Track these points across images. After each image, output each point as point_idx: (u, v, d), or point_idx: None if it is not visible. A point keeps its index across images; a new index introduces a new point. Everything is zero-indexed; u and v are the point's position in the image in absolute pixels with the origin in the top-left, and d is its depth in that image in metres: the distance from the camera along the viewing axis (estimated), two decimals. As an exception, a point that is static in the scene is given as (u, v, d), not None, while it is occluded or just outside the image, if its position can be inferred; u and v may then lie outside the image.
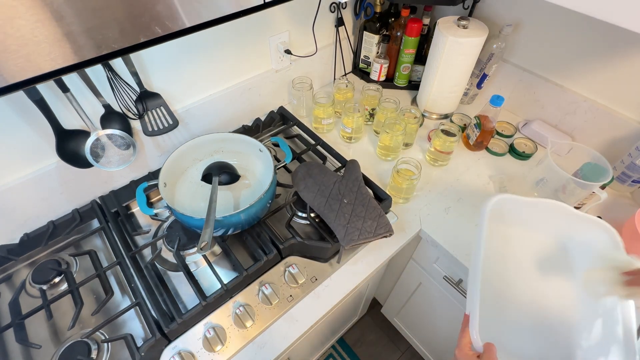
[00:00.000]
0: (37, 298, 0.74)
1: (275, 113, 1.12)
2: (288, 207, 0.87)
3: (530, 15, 0.97)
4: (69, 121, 0.75)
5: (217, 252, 0.82)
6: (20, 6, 0.37)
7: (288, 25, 1.00)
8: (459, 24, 0.94)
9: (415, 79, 1.22)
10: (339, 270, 0.79)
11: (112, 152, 0.80)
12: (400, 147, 1.00)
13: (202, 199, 0.84)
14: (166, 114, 0.86)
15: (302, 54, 1.07)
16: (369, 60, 1.21)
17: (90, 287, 0.76)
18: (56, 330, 0.71)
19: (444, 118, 1.14)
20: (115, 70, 0.74)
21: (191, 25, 0.51)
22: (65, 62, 0.43)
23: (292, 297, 0.74)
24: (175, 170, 0.82)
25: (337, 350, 1.49)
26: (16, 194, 0.76)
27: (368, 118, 1.10)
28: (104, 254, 0.83)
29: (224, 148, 0.89)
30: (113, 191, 0.89)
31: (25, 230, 0.80)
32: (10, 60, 0.39)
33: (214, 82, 0.95)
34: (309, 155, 1.02)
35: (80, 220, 0.84)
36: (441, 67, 0.99)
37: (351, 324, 1.46)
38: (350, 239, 0.75)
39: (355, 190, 0.83)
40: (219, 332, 0.68)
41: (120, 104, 0.78)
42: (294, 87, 1.08)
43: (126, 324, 0.72)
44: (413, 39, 1.08)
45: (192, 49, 0.85)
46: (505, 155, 1.03)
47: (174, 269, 0.79)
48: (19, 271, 0.79)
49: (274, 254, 0.76)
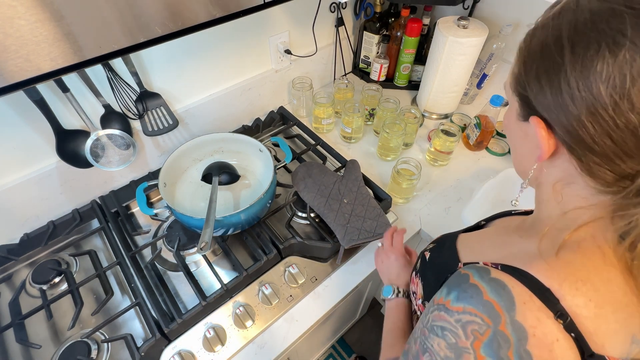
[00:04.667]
0: (37, 298, 0.74)
1: (275, 113, 1.12)
2: (288, 207, 0.87)
3: (530, 15, 0.97)
4: (69, 121, 0.75)
5: (217, 252, 0.82)
6: (20, 6, 0.37)
7: (288, 25, 1.00)
8: (459, 24, 0.94)
9: (415, 79, 1.22)
10: (339, 270, 0.79)
11: (112, 152, 0.80)
12: (400, 147, 1.00)
13: (202, 199, 0.84)
14: (166, 114, 0.86)
15: (302, 54, 1.07)
16: (369, 60, 1.21)
17: (90, 287, 0.76)
18: (56, 330, 0.70)
19: (444, 118, 1.14)
20: (115, 70, 0.74)
21: (191, 25, 0.51)
22: (65, 62, 0.43)
23: (292, 297, 0.74)
24: (175, 170, 0.82)
25: (337, 350, 1.49)
26: (16, 194, 0.76)
27: (368, 118, 1.10)
28: (104, 254, 0.83)
29: (224, 148, 0.89)
30: (113, 191, 0.89)
31: (25, 230, 0.80)
32: (10, 60, 0.39)
33: (214, 82, 0.95)
34: (309, 155, 1.02)
35: (80, 220, 0.84)
36: (441, 67, 0.99)
37: (351, 324, 1.46)
38: (350, 239, 0.75)
39: (355, 190, 0.83)
40: (219, 332, 0.68)
41: (120, 104, 0.78)
42: (294, 87, 1.08)
43: (126, 324, 0.72)
44: (413, 39, 1.08)
45: (192, 49, 0.85)
46: (505, 155, 1.03)
47: (174, 269, 0.79)
48: (19, 271, 0.79)
49: (274, 254, 0.76)
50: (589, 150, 0.30)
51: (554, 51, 0.30)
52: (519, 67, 0.35)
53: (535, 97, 0.33)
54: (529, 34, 0.35)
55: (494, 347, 0.31)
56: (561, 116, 0.30)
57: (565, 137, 0.31)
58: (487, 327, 0.32)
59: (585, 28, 0.28)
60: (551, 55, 0.31)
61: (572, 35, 0.29)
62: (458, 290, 0.35)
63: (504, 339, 0.31)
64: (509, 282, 0.33)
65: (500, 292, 0.32)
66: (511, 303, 0.32)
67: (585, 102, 0.28)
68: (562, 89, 0.30)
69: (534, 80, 0.32)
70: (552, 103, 0.31)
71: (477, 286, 0.34)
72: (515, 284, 0.32)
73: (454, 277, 0.38)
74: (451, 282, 0.37)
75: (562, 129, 0.31)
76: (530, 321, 0.31)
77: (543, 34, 0.32)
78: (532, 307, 0.31)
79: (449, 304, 0.35)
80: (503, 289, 0.33)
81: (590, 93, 0.28)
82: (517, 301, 0.31)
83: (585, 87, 0.28)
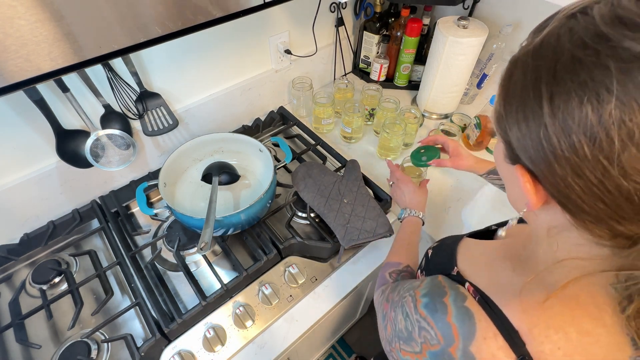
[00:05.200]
0: (37, 298, 0.73)
1: (275, 113, 1.12)
2: (288, 207, 0.87)
3: (530, 15, 0.97)
4: (69, 121, 0.75)
5: (217, 252, 0.82)
6: (20, 6, 0.37)
7: (288, 25, 1.00)
8: (459, 24, 0.94)
9: (415, 79, 1.22)
10: (339, 270, 0.79)
11: (112, 152, 0.80)
12: (400, 147, 1.00)
13: (202, 199, 0.84)
14: (166, 114, 0.86)
15: (302, 54, 1.07)
16: (369, 60, 1.21)
17: (90, 287, 0.76)
18: (56, 330, 0.70)
19: (444, 118, 1.14)
20: (115, 70, 0.74)
21: (191, 25, 0.51)
22: (65, 62, 0.43)
23: (292, 297, 0.74)
24: (175, 170, 0.82)
25: (337, 350, 1.49)
26: (16, 194, 0.76)
27: (368, 118, 1.10)
28: (104, 254, 0.83)
29: (224, 148, 0.89)
30: (113, 191, 0.89)
31: (25, 230, 0.80)
32: (10, 60, 0.39)
33: (214, 82, 0.95)
34: (309, 155, 1.02)
35: (80, 220, 0.84)
36: (441, 67, 0.99)
37: (351, 324, 1.46)
38: (350, 239, 0.75)
39: (355, 190, 0.83)
40: (219, 332, 0.68)
41: (120, 104, 0.78)
42: (294, 87, 1.08)
43: (126, 324, 0.72)
44: (413, 39, 1.08)
45: (192, 49, 0.85)
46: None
47: (174, 269, 0.79)
48: (19, 271, 0.79)
49: (274, 254, 0.76)
50: (581, 210, 0.27)
51: (532, 98, 0.26)
52: (499, 106, 0.31)
53: (517, 144, 0.29)
54: (509, 67, 0.30)
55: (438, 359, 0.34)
56: (546, 172, 0.27)
57: (554, 194, 0.28)
58: (437, 343, 0.34)
59: (565, 75, 0.24)
60: (530, 101, 0.27)
61: (550, 82, 0.25)
62: (430, 299, 0.37)
63: (450, 359, 0.33)
64: (478, 315, 0.33)
65: (465, 321, 0.33)
66: (471, 334, 0.33)
67: (570, 162, 0.25)
68: (543, 144, 0.26)
69: (515, 125, 0.28)
70: (535, 156, 0.27)
71: (447, 307, 0.35)
72: (483, 319, 0.33)
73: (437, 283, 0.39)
74: (432, 287, 0.39)
75: (549, 185, 0.28)
76: (484, 355, 0.32)
77: (522, 74, 0.28)
78: (492, 345, 0.32)
79: (419, 304, 0.38)
80: (469, 319, 0.33)
81: (575, 153, 0.24)
82: (477, 335, 0.32)
83: (569, 146, 0.25)
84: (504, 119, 0.30)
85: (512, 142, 0.30)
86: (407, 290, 0.41)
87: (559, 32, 0.26)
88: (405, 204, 0.75)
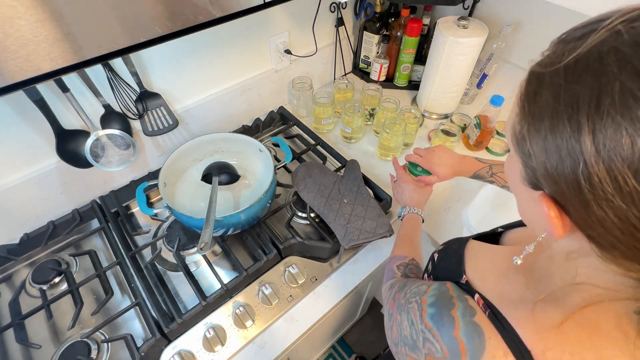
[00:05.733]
0: (37, 298, 0.74)
1: (275, 113, 1.12)
2: (288, 207, 0.87)
3: (530, 15, 0.97)
4: (69, 121, 0.75)
5: (217, 252, 0.82)
6: (20, 6, 0.37)
7: (288, 25, 1.00)
8: (459, 24, 0.94)
9: (415, 79, 1.22)
10: (339, 270, 0.79)
11: (112, 152, 0.80)
12: (400, 147, 1.00)
13: (202, 199, 0.84)
14: (166, 114, 0.86)
15: (302, 54, 1.07)
16: (369, 60, 1.21)
17: (90, 287, 0.76)
18: (56, 330, 0.70)
19: (444, 118, 1.14)
20: (115, 70, 0.74)
21: (191, 25, 0.51)
22: (65, 62, 0.43)
23: (292, 297, 0.74)
24: (175, 170, 0.82)
25: (337, 350, 1.49)
26: (16, 194, 0.76)
27: (368, 118, 1.10)
28: (104, 254, 0.83)
29: (224, 148, 0.89)
30: (113, 191, 0.89)
31: (25, 230, 0.80)
32: (10, 60, 0.39)
33: (214, 82, 0.95)
34: (309, 155, 1.02)
35: (80, 220, 0.84)
36: (441, 67, 0.99)
37: (351, 324, 1.46)
38: (350, 239, 0.75)
39: (355, 190, 0.83)
40: (219, 332, 0.68)
41: (120, 104, 0.78)
42: (294, 87, 1.08)
43: (126, 324, 0.72)
44: (413, 39, 1.08)
45: (192, 49, 0.85)
46: (505, 155, 1.03)
47: (174, 269, 0.79)
48: (19, 271, 0.79)
49: (274, 254, 0.76)
50: (614, 247, 0.25)
51: (569, 129, 0.23)
52: (521, 127, 0.27)
53: (543, 173, 0.26)
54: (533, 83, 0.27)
55: None
56: (580, 209, 0.24)
57: (585, 228, 0.25)
58: (442, 357, 0.33)
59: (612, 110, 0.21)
60: (565, 132, 0.23)
61: (593, 114, 0.22)
62: (437, 311, 0.35)
63: None
64: (488, 332, 0.31)
65: (474, 338, 0.31)
66: (479, 352, 0.31)
67: (612, 205, 0.22)
68: (580, 182, 0.23)
69: (543, 154, 0.25)
70: (567, 192, 0.25)
71: (454, 321, 0.33)
72: (494, 336, 0.31)
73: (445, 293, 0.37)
74: (440, 296, 0.37)
75: (581, 220, 0.25)
76: None
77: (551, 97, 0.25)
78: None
79: (425, 314, 0.36)
80: (478, 336, 0.31)
81: (620, 197, 0.22)
82: (486, 353, 0.30)
83: (613, 189, 0.22)
84: (527, 142, 0.27)
85: (536, 169, 0.27)
86: (414, 295, 0.40)
87: (600, 52, 0.23)
88: (405, 202, 0.76)
